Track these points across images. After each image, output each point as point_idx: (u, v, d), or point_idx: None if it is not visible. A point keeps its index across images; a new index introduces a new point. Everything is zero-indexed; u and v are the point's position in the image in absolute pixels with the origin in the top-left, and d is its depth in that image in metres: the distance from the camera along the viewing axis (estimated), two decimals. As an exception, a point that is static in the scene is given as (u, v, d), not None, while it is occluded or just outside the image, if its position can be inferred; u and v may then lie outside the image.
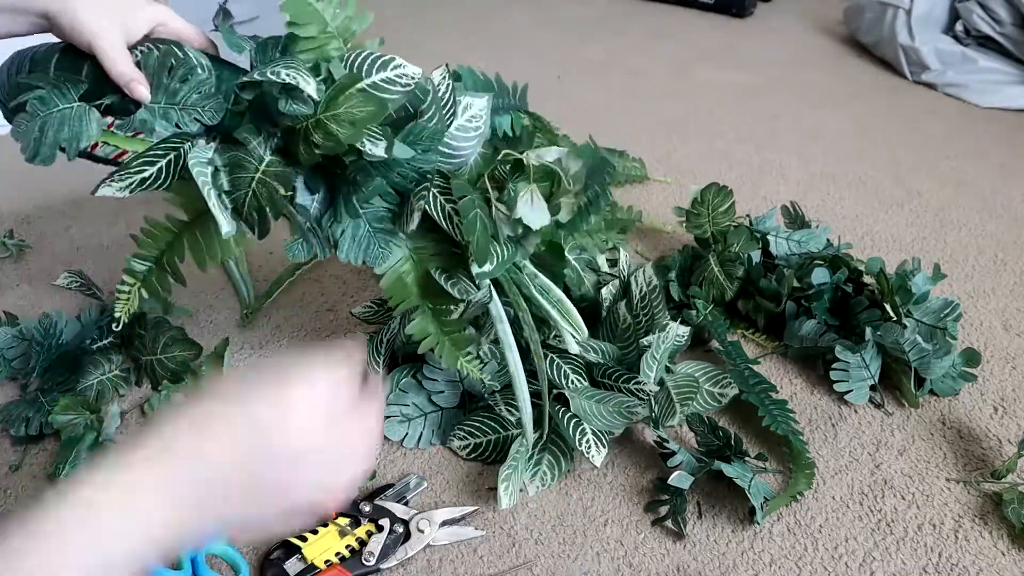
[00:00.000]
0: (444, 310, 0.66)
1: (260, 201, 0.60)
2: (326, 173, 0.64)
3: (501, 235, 0.64)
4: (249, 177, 0.60)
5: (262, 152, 0.61)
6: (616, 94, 1.56)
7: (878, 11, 1.66)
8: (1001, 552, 0.65)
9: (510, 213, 0.63)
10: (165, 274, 0.66)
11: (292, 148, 0.61)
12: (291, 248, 0.63)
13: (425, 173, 0.63)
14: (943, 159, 1.30)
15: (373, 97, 0.59)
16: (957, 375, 0.80)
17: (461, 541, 0.66)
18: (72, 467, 0.69)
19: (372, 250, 0.64)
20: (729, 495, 0.69)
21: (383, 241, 0.64)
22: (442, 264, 0.66)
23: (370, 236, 0.64)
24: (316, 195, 0.63)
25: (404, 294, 0.66)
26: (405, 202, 0.64)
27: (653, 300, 0.80)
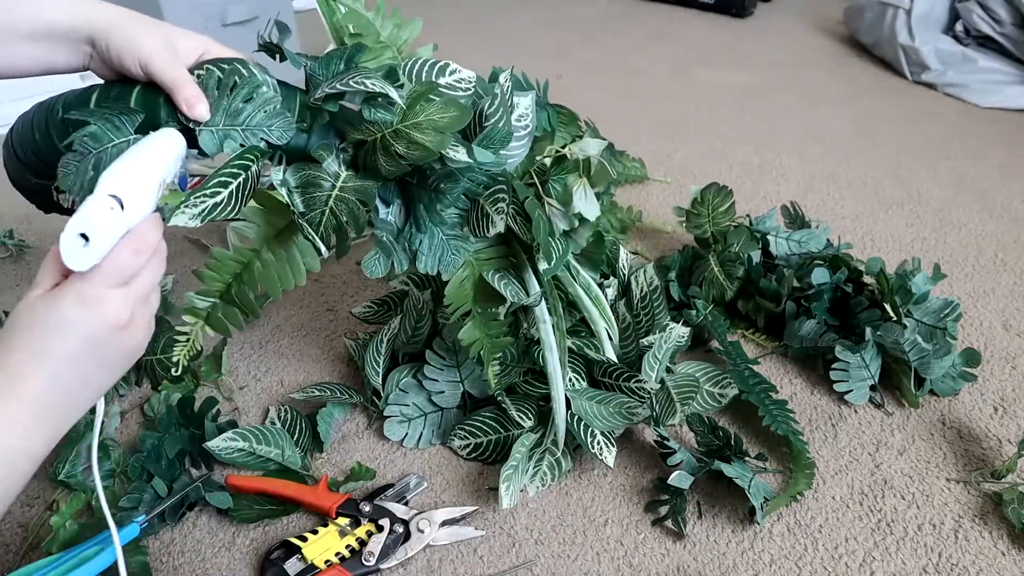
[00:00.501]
0: (492, 313, 0.67)
1: (339, 219, 0.57)
2: (400, 184, 0.62)
3: (557, 231, 0.65)
4: (326, 195, 0.57)
5: (337, 168, 0.58)
6: (616, 94, 1.56)
7: (878, 11, 1.66)
8: (1001, 552, 0.65)
9: (565, 208, 0.64)
10: (232, 308, 0.62)
11: (367, 161, 0.59)
12: (368, 264, 0.61)
13: (495, 177, 0.62)
14: (943, 159, 1.30)
15: (451, 102, 0.58)
16: (957, 375, 0.80)
17: (461, 541, 0.66)
18: (72, 467, 0.69)
19: (446, 257, 0.63)
20: (729, 495, 0.69)
21: (455, 248, 0.63)
22: (496, 267, 0.66)
23: (444, 244, 0.62)
24: (391, 208, 0.62)
25: (463, 299, 0.66)
26: (475, 207, 0.63)
27: (654, 300, 0.80)
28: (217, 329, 0.63)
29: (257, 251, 0.61)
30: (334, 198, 0.57)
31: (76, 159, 0.53)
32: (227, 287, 0.62)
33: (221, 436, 0.69)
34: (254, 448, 0.69)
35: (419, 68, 0.61)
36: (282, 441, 0.71)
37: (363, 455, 0.74)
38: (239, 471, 0.71)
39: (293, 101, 0.60)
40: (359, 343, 0.83)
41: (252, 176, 0.57)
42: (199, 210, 0.54)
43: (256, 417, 0.79)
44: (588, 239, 0.69)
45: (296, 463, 0.71)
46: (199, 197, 0.54)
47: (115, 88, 0.58)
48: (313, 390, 0.78)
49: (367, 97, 0.57)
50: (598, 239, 0.71)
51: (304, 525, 0.67)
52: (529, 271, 0.66)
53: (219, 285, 0.62)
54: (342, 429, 0.77)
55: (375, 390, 0.77)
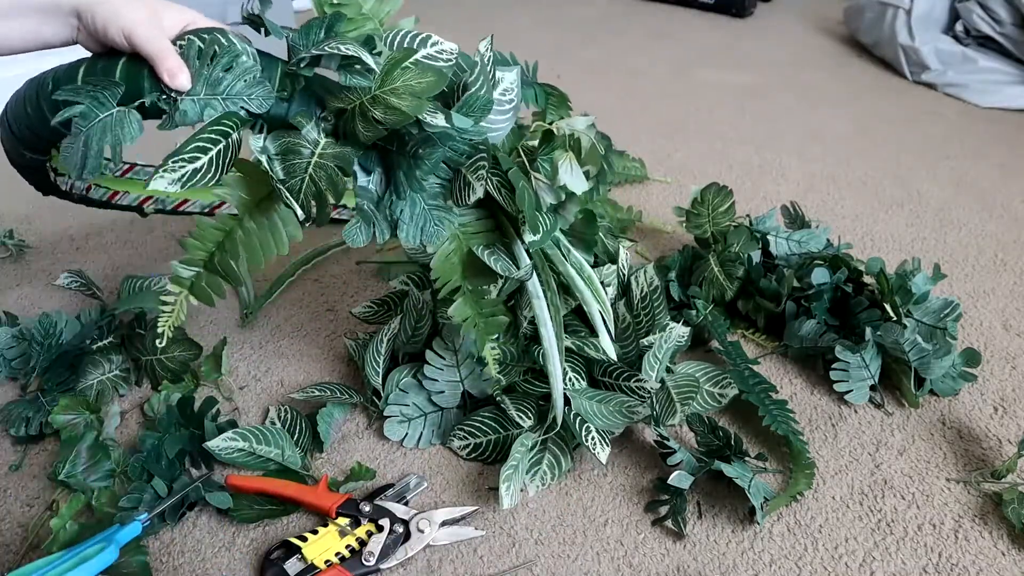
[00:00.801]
0: (483, 291, 0.67)
1: (319, 186, 0.58)
2: (380, 152, 0.63)
3: (544, 204, 0.65)
4: (305, 162, 0.58)
5: (316, 135, 0.59)
6: (616, 94, 1.56)
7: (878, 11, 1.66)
8: (1001, 552, 0.65)
9: (551, 181, 0.64)
10: (216, 277, 0.63)
11: (347, 128, 0.60)
12: (349, 232, 0.62)
13: (476, 146, 0.63)
14: (943, 159, 1.30)
15: (429, 67, 0.59)
16: (957, 375, 0.80)
17: (461, 541, 0.66)
18: (72, 467, 0.69)
19: (428, 228, 0.63)
20: (729, 495, 0.69)
21: (438, 218, 0.63)
22: (484, 241, 0.66)
23: (426, 214, 0.63)
24: (372, 175, 0.63)
25: (450, 274, 0.66)
26: (456, 178, 0.64)
27: (654, 300, 0.80)
28: (201, 298, 0.63)
29: (239, 220, 0.62)
30: (313, 165, 0.58)
31: (71, 141, 0.55)
32: (210, 256, 0.62)
33: (221, 436, 0.69)
34: (254, 448, 0.69)
35: (400, 39, 0.62)
36: (282, 441, 0.71)
37: (363, 455, 0.74)
38: (239, 471, 0.71)
39: (274, 71, 0.61)
40: (359, 343, 0.83)
41: (233, 144, 0.58)
42: (178, 175, 0.55)
43: (256, 417, 0.79)
44: (576, 215, 0.69)
45: (296, 463, 0.71)
46: (177, 162, 0.55)
47: (101, 61, 0.60)
48: (313, 390, 0.78)
49: (343, 63, 0.58)
50: (588, 218, 0.71)
51: (304, 525, 0.67)
52: (519, 246, 0.66)
53: (202, 254, 0.62)
54: (342, 429, 0.77)
55: (375, 390, 0.77)
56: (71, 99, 0.56)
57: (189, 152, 0.56)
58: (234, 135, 0.58)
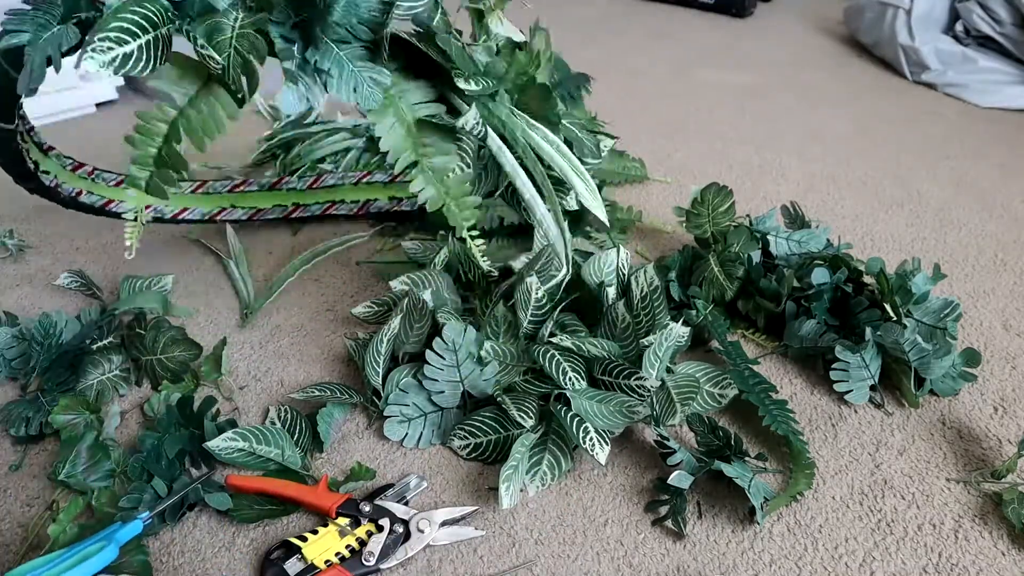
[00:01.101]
0: (443, 168, 0.69)
1: (244, 55, 0.62)
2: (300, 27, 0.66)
3: (479, 63, 0.68)
4: (228, 37, 0.62)
5: (236, 12, 0.63)
6: (616, 94, 1.56)
7: (878, 11, 1.66)
8: (1001, 552, 0.65)
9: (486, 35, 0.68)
10: (167, 170, 0.66)
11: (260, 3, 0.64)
12: (283, 99, 0.67)
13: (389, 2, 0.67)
14: (943, 159, 1.30)
15: None
16: (957, 375, 0.80)
17: (461, 541, 0.66)
18: (72, 467, 0.69)
19: (361, 88, 0.66)
20: (729, 495, 0.69)
21: (369, 80, 0.66)
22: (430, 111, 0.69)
23: (356, 75, 0.66)
24: (294, 45, 0.66)
25: (400, 147, 0.68)
26: (379, 39, 0.67)
27: (654, 300, 0.80)
28: (155, 194, 0.66)
29: (180, 109, 0.65)
30: (235, 37, 0.62)
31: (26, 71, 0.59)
32: (159, 150, 0.65)
33: (221, 436, 0.69)
34: (254, 448, 0.69)
35: None
36: (282, 441, 0.71)
37: (363, 455, 0.74)
38: (239, 471, 0.71)
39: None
40: (359, 343, 0.83)
41: (163, 37, 0.62)
42: (108, 57, 0.58)
43: (256, 417, 0.79)
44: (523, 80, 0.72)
45: (296, 463, 0.71)
46: (104, 41, 0.58)
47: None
48: (313, 390, 0.78)
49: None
50: (544, 92, 0.73)
51: (304, 525, 0.67)
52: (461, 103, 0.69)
53: (152, 149, 0.65)
54: (342, 429, 0.77)
55: (375, 390, 0.77)
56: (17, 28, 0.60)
57: (114, 31, 0.59)
58: (162, 28, 0.61)
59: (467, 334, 0.74)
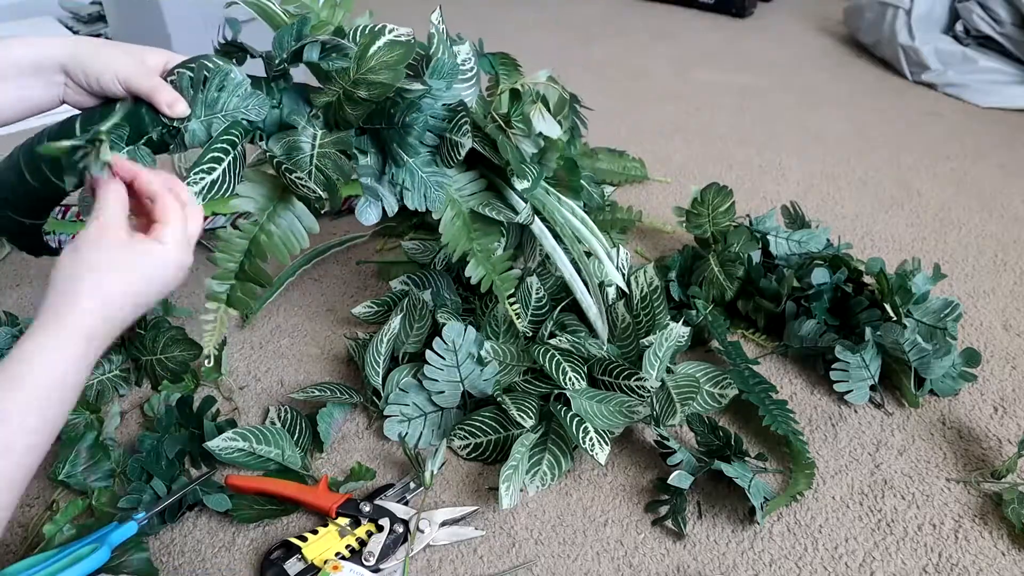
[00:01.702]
0: (491, 249, 0.72)
1: (326, 173, 0.64)
2: (371, 135, 0.69)
3: (526, 156, 0.71)
4: (308, 156, 0.64)
5: (313, 130, 0.65)
6: (616, 94, 1.56)
7: (878, 11, 1.66)
8: (1001, 552, 0.65)
9: (527, 132, 0.70)
10: (248, 284, 0.67)
11: (337, 117, 0.66)
12: (362, 211, 0.68)
13: (454, 109, 0.69)
14: (943, 159, 1.30)
15: (395, 41, 0.66)
16: (957, 375, 0.80)
17: (461, 541, 0.66)
18: (72, 467, 0.69)
19: (430, 193, 0.69)
20: (729, 495, 0.69)
21: (436, 184, 0.69)
22: (481, 200, 0.73)
23: (424, 181, 0.69)
24: (368, 156, 0.68)
25: (458, 238, 0.72)
26: (443, 144, 0.69)
27: (654, 300, 0.80)
28: (238, 307, 0.67)
29: (260, 224, 0.66)
30: (316, 155, 0.64)
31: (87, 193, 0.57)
32: (240, 265, 0.66)
33: (221, 436, 0.69)
34: (254, 448, 0.69)
35: (361, 31, 0.67)
36: (282, 441, 0.71)
37: (363, 455, 0.74)
38: (239, 471, 0.71)
39: (260, 85, 0.66)
40: (359, 343, 0.83)
41: (239, 155, 0.63)
42: (199, 187, 0.60)
43: (256, 417, 0.79)
44: (559, 163, 0.74)
45: (296, 463, 0.71)
46: (198, 173, 0.60)
47: (96, 112, 0.62)
48: (313, 390, 0.78)
49: (323, 54, 0.64)
50: (570, 166, 0.77)
51: (304, 525, 0.67)
52: (514, 198, 0.72)
53: (232, 265, 0.66)
54: (342, 429, 0.77)
55: (375, 390, 0.77)
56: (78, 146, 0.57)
57: (206, 163, 0.61)
58: (240, 146, 0.63)
59: (467, 334, 0.74)
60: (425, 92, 0.67)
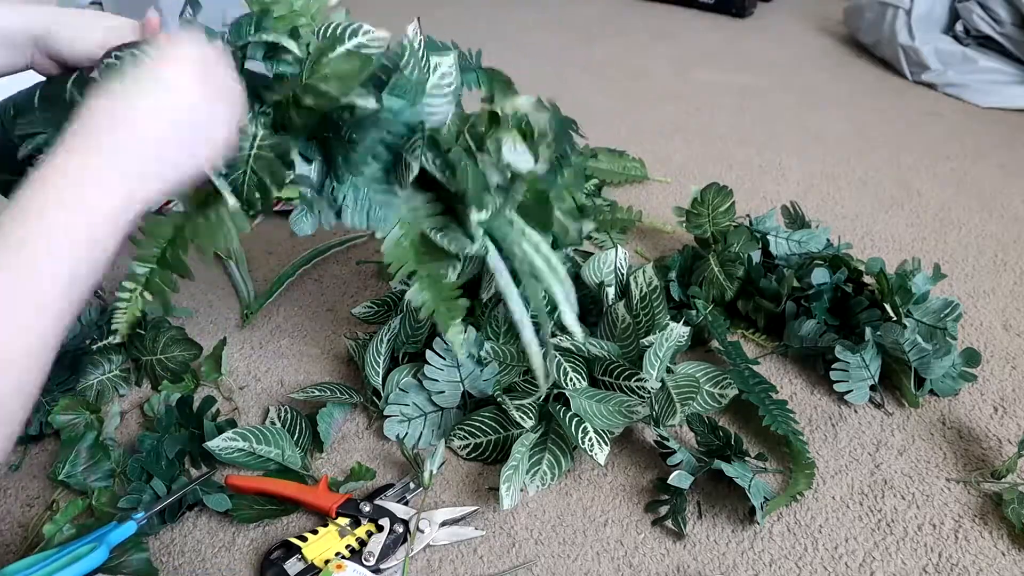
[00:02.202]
0: (440, 275, 0.67)
1: (260, 176, 0.60)
2: (319, 142, 0.64)
3: (491, 184, 0.66)
4: (245, 155, 0.60)
5: (254, 128, 0.60)
6: (616, 94, 1.56)
7: (878, 11, 1.66)
8: (1001, 552, 0.65)
9: (496, 160, 0.65)
10: (168, 272, 0.64)
11: (283, 120, 0.62)
12: (296, 220, 0.64)
13: (413, 128, 0.64)
14: (943, 159, 1.30)
15: (355, 53, 0.61)
16: (957, 375, 0.80)
17: (461, 541, 0.66)
18: (72, 467, 0.69)
19: (374, 212, 0.65)
20: (729, 495, 0.69)
21: (383, 203, 0.65)
22: (436, 224, 0.67)
23: (370, 200, 0.65)
24: (313, 164, 0.64)
25: (403, 258, 0.67)
26: (398, 162, 0.65)
27: (654, 300, 0.80)
28: (154, 292, 0.64)
29: (187, 216, 0.63)
30: (253, 156, 0.60)
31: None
32: (162, 252, 0.63)
33: (221, 436, 0.69)
34: (254, 448, 0.69)
35: (331, 30, 0.63)
36: (282, 441, 0.71)
37: (363, 455, 0.74)
38: (239, 471, 0.71)
39: None
40: (359, 343, 0.83)
41: None
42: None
43: (256, 417, 0.79)
44: (526, 195, 0.69)
45: (296, 463, 0.71)
46: None
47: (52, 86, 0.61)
48: (313, 390, 0.78)
49: (268, 53, 0.60)
50: (540, 198, 0.71)
51: (304, 525, 0.67)
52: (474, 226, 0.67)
53: (154, 251, 0.63)
54: (342, 429, 0.77)
55: (375, 390, 0.77)
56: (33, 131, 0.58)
57: None
58: None
59: (467, 334, 0.74)
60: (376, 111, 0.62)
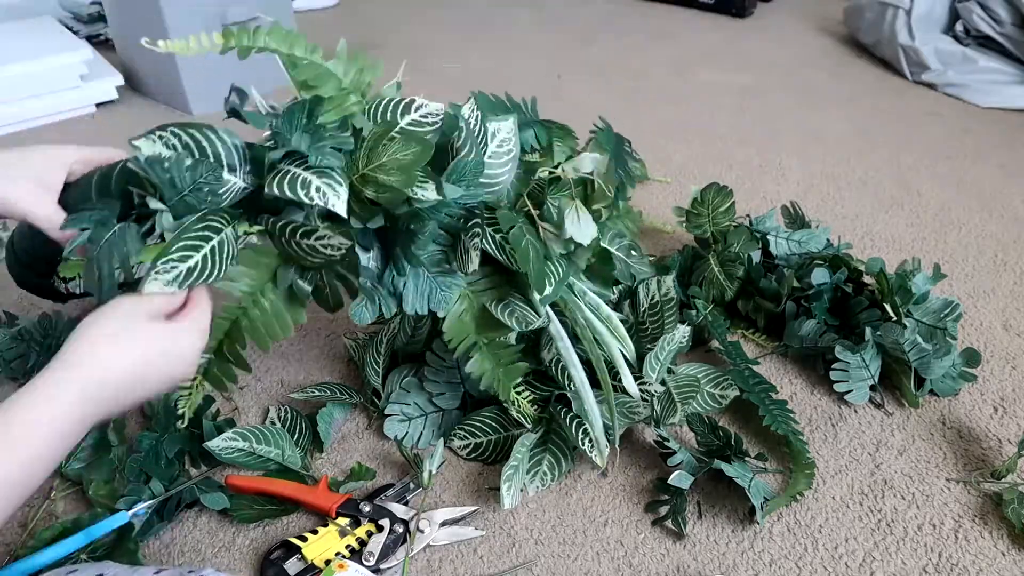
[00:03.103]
0: (502, 342, 0.66)
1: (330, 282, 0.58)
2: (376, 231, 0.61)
3: (553, 254, 0.63)
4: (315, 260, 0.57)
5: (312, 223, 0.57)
6: (616, 94, 1.56)
7: (878, 11, 1.66)
8: (1001, 552, 0.65)
9: (558, 232, 0.63)
10: (227, 364, 0.62)
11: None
12: (356, 311, 0.61)
13: (472, 208, 0.62)
14: (943, 159, 1.30)
15: (412, 137, 0.57)
16: (957, 375, 0.80)
17: (461, 541, 0.66)
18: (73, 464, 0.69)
19: (435, 296, 0.63)
20: (729, 495, 0.69)
21: (444, 285, 0.63)
22: (497, 296, 0.65)
23: (431, 282, 0.63)
24: (371, 253, 0.61)
25: (463, 332, 0.65)
26: (457, 242, 0.62)
27: (666, 310, 0.78)
28: (215, 384, 0.63)
29: (244, 308, 0.60)
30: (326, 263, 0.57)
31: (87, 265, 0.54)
32: (219, 344, 0.61)
33: (221, 436, 0.69)
34: (254, 448, 0.69)
35: (383, 108, 0.60)
36: (282, 441, 0.71)
37: (363, 455, 0.74)
38: (239, 471, 0.71)
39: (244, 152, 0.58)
40: (359, 343, 0.83)
41: (228, 238, 0.56)
42: (171, 276, 0.53)
43: (256, 417, 0.79)
44: (589, 260, 0.67)
45: (296, 463, 0.71)
46: (167, 263, 0.53)
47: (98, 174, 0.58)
48: (313, 390, 0.78)
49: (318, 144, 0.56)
50: (603, 256, 0.70)
51: (304, 525, 0.67)
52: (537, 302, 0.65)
53: (211, 343, 0.60)
54: (342, 429, 0.77)
55: (375, 390, 0.77)
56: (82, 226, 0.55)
57: (177, 252, 0.53)
58: (227, 230, 0.56)
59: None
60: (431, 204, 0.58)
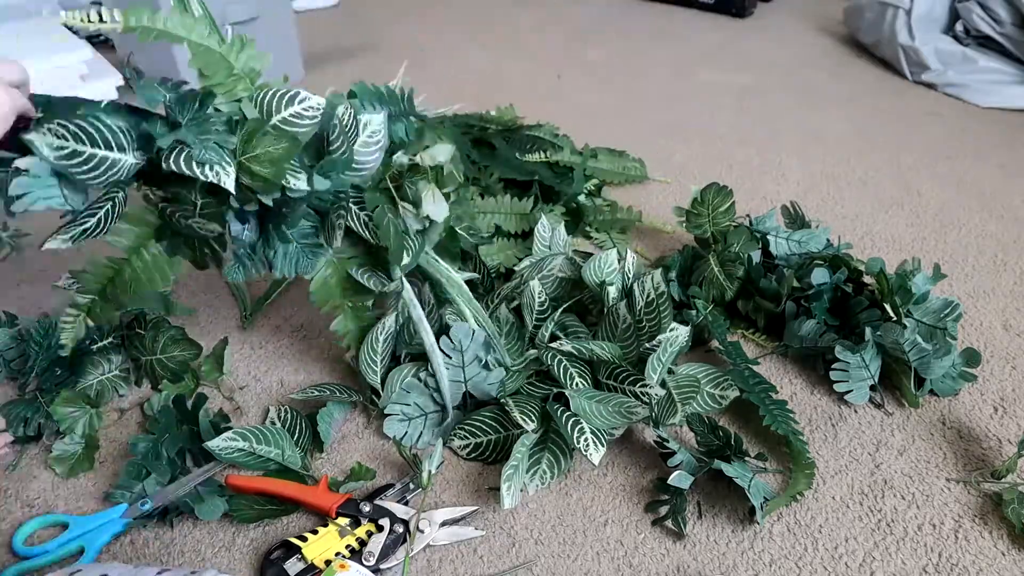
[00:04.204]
0: (362, 306, 0.77)
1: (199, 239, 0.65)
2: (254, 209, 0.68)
3: (410, 230, 0.72)
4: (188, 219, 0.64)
5: (193, 198, 0.64)
6: (616, 94, 1.56)
7: (878, 11, 1.66)
8: (1001, 552, 0.65)
9: (416, 211, 0.71)
10: (109, 304, 0.69)
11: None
12: (229, 271, 0.69)
13: (337, 194, 0.69)
14: (943, 159, 1.30)
15: (285, 133, 0.64)
16: (957, 375, 0.80)
17: (461, 541, 0.66)
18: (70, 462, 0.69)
19: (302, 262, 0.71)
20: (729, 495, 0.69)
21: (311, 254, 0.71)
22: (359, 263, 0.75)
23: (299, 251, 0.70)
24: (247, 224, 0.68)
25: (328, 296, 0.75)
26: (325, 219, 0.70)
27: (660, 306, 0.79)
28: (96, 320, 0.70)
29: (127, 259, 0.68)
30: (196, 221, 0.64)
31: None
32: (103, 287, 0.69)
33: (221, 436, 0.69)
34: (254, 448, 0.69)
35: (269, 98, 0.66)
36: (282, 441, 0.71)
37: (363, 455, 0.74)
38: (239, 471, 0.71)
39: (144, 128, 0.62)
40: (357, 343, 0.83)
41: (119, 202, 0.64)
42: (70, 235, 0.61)
43: (256, 417, 0.79)
44: (441, 235, 0.77)
45: (296, 463, 0.71)
46: (70, 227, 0.61)
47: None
48: (313, 390, 0.78)
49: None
50: (451, 234, 0.80)
51: (304, 525, 0.67)
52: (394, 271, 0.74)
53: (96, 286, 0.69)
54: (342, 429, 0.77)
55: (374, 389, 0.77)
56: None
57: (83, 218, 0.61)
58: (120, 195, 0.63)
59: (475, 336, 0.74)
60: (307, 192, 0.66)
